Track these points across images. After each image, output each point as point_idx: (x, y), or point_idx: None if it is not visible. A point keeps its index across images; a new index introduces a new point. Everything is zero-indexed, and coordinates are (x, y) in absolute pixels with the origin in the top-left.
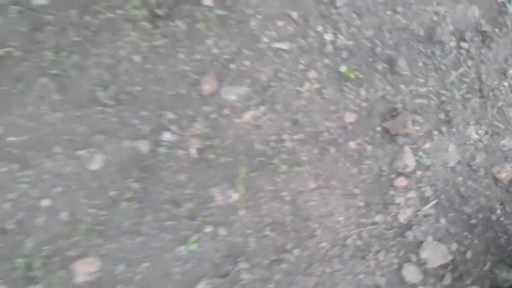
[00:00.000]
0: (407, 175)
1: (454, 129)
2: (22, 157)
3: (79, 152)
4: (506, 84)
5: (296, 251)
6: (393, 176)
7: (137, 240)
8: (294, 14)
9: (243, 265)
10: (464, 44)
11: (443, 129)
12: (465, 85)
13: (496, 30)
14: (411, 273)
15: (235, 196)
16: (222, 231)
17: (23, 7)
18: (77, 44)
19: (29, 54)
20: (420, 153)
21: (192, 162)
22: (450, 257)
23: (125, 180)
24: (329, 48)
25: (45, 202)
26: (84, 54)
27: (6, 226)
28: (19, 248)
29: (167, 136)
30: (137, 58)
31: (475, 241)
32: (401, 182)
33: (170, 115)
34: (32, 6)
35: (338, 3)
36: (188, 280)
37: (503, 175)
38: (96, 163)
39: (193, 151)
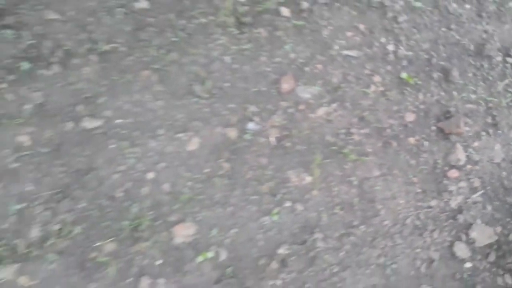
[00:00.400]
0: (459, 168)
1: (499, 131)
2: (129, 137)
3: (179, 135)
4: None
5: (362, 227)
6: (446, 168)
7: (227, 210)
8: (361, 27)
9: (318, 235)
10: (510, 59)
11: (490, 131)
12: (510, 94)
13: None
14: (461, 249)
15: (308, 178)
16: (299, 207)
17: (128, 9)
18: (174, 43)
19: (133, 50)
20: (470, 150)
21: (272, 148)
22: (495, 238)
23: (217, 160)
24: (391, 57)
25: (150, 175)
26: (181, 53)
27: (115, 194)
28: (126, 213)
29: (251, 125)
30: (227, 58)
31: None
32: (453, 173)
33: (253, 108)
34: (135, 9)
35: (400, 19)
36: (270, 245)
37: None
38: (193, 144)
39: (272, 139)
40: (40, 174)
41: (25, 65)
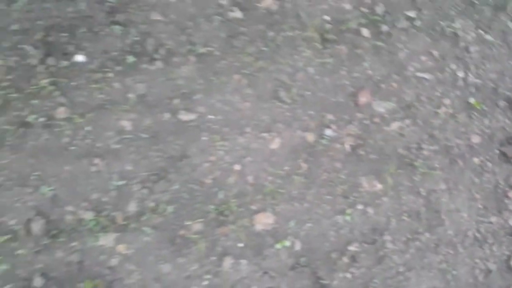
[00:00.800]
0: None
1: None
2: (219, 131)
3: (263, 134)
4: None
5: (427, 234)
6: (507, 189)
7: (304, 205)
8: (435, 53)
9: (387, 237)
10: None
11: None
12: None
13: None
14: None
15: (379, 186)
16: (370, 210)
17: (224, 18)
18: (264, 52)
19: (226, 55)
20: None
21: (346, 155)
22: None
23: (296, 160)
24: (461, 83)
25: (237, 167)
26: (269, 61)
27: (205, 180)
28: (213, 198)
29: (328, 132)
30: (310, 69)
31: None
32: None
33: (331, 117)
34: (230, 18)
35: (471, 49)
36: (342, 241)
37: None
38: (275, 144)
39: (347, 147)
40: (139, 156)
41: (130, 59)
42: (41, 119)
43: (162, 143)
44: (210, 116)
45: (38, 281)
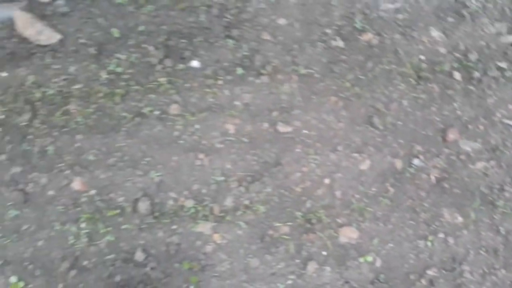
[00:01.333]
0: None
1: None
2: (313, 146)
3: (354, 155)
4: None
5: (503, 271)
6: None
7: (388, 226)
8: None
9: (465, 267)
10: None
11: None
12: None
13: None
14: None
15: (460, 218)
16: (450, 240)
17: (327, 45)
18: (361, 80)
19: (325, 78)
20: None
21: (431, 186)
22: None
23: (384, 183)
24: None
25: (326, 180)
26: (365, 89)
27: (295, 188)
28: (301, 206)
29: (416, 161)
30: (404, 102)
31: None
32: None
33: (419, 148)
34: (332, 46)
35: None
36: (421, 265)
37: None
38: (365, 165)
39: (432, 178)
40: (238, 157)
41: (239, 71)
42: (156, 112)
43: (259, 149)
44: (305, 131)
45: (139, 255)
